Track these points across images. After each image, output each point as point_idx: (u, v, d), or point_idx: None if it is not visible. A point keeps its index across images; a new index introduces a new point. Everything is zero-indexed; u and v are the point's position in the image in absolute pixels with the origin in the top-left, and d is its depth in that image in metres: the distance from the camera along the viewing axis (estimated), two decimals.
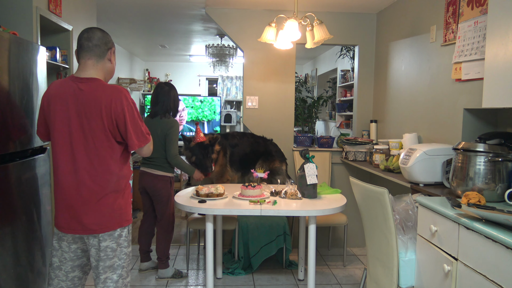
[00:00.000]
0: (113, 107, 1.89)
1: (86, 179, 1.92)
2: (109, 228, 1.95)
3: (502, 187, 2.09)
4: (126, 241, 2.03)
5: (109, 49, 2.01)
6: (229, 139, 3.78)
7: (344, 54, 5.85)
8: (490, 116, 2.68)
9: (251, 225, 3.65)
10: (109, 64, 2.03)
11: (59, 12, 3.11)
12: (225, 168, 3.70)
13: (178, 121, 3.40)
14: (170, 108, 3.39)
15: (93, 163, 1.92)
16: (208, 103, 8.27)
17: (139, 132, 1.97)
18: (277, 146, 3.97)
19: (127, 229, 2.04)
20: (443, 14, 2.96)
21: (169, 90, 3.41)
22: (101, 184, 1.93)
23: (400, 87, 3.73)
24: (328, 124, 7.45)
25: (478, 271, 1.70)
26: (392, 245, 2.23)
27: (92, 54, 1.95)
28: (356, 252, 4.25)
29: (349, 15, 4.31)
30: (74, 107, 1.90)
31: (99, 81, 1.95)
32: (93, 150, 1.91)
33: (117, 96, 1.91)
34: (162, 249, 3.42)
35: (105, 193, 1.94)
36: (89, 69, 1.95)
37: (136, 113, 1.96)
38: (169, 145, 3.28)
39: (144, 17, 4.85)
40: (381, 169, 3.28)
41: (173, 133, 3.30)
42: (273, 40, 3.23)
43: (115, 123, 1.91)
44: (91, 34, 1.97)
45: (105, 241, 1.95)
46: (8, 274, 2.17)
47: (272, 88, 4.31)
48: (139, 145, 1.97)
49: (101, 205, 1.94)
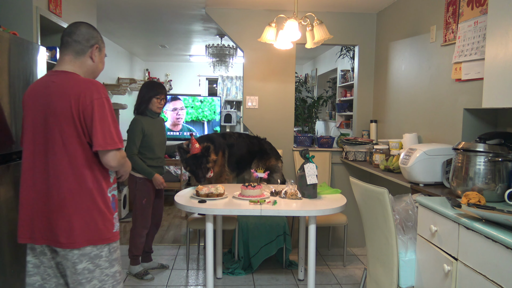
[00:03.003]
0: (82, 99, 1.70)
1: (54, 183, 1.72)
2: (79, 244, 1.72)
3: (502, 187, 2.09)
4: (107, 261, 1.79)
5: (91, 46, 1.84)
6: (226, 138, 3.78)
7: (344, 54, 5.85)
8: (490, 116, 2.68)
9: (251, 225, 3.65)
10: (90, 62, 1.86)
11: (59, 12, 3.11)
12: (224, 168, 3.70)
13: (137, 119, 3.34)
14: (136, 105, 3.42)
15: (62, 165, 1.72)
16: (208, 103, 8.27)
17: (107, 132, 1.72)
18: (271, 145, 3.97)
19: (108, 249, 1.80)
20: (443, 14, 2.96)
21: (141, 87, 3.44)
22: (72, 191, 1.72)
23: (400, 87, 3.73)
24: (328, 124, 7.45)
25: (478, 271, 1.70)
26: (392, 245, 2.23)
27: (70, 50, 1.81)
28: (356, 252, 4.25)
29: (349, 15, 4.31)
30: (43, 100, 1.74)
31: (73, 75, 1.78)
32: (62, 150, 1.72)
33: (87, 88, 1.73)
34: (129, 247, 3.48)
35: (76, 202, 1.72)
36: (66, 64, 1.81)
37: (109, 112, 1.75)
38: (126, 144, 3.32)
39: (144, 17, 4.85)
40: (381, 169, 3.28)
41: (128, 132, 3.33)
42: (273, 40, 3.23)
43: (83, 117, 1.71)
44: (73, 29, 1.83)
45: (80, 262, 1.73)
46: (6, 273, 2.17)
47: (272, 88, 4.31)
48: (104, 147, 1.71)
49: (72, 216, 1.72)
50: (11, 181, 2.24)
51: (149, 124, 3.37)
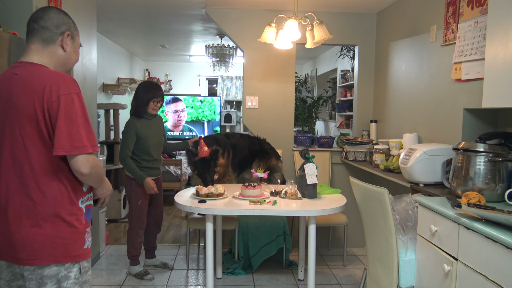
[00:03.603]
0: (47, 95, 1.45)
1: (15, 189, 1.50)
2: (41, 261, 1.48)
3: (502, 187, 2.09)
4: (77, 285, 1.55)
5: (62, 33, 1.60)
6: (230, 138, 3.79)
7: (344, 54, 5.85)
8: (490, 116, 2.68)
9: (251, 225, 3.66)
10: (61, 51, 1.61)
11: None
12: (227, 168, 3.71)
13: (131, 122, 3.33)
14: (134, 108, 3.39)
15: (23, 168, 1.49)
16: (208, 103, 8.27)
17: (75, 133, 1.46)
18: (270, 145, 3.98)
19: (78, 268, 1.55)
20: (443, 14, 2.96)
21: (137, 88, 3.41)
22: (34, 199, 1.49)
23: (400, 87, 3.73)
24: (328, 124, 7.46)
25: (478, 271, 1.70)
26: (392, 245, 2.23)
27: (37, 38, 1.56)
28: (356, 252, 4.25)
29: (349, 15, 4.31)
30: (4, 96, 1.51)
31: (40, 66, 1.54)
32: (23, 153, 1.49)
33: (54, 82, 1.47)
34: (127, 248, 3.49)
35: (39, 213, 1.48)
36: (32, 54, 1.56)
37: (79, 110, 1.49)
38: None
39: (144, 17, 4.85)
40: (381, 169, 3.28)
41: (123, 134, 3.33)
42: (273, 40, 3.23)
43: (48, 116, 1.47)
44: (41, 14, 1.58)
45: (44, 285, 1.49)
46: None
47: (272, 88, 4.31)
48: (69, 151, 1.45)
49: (33, 228, 1.48)
50: None
51: (144, 126, 3.36)
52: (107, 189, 1.73)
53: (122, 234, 4.78)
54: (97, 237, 3.90)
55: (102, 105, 5.19)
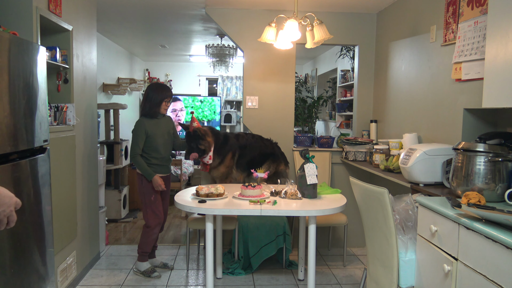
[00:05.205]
0: None
1: None
2: None
3: (502, 187, 2.09)
4: None
5: None
6: (239, 139, 3.81)
7: (344, 54, 5.85)
8: (490, 116, 2.68)
9: (251, 225, 3.65)
10: None
11: (59, 12, 3.10)
12: (231, 170, 3.74)
13: (141, 121, 3.45)
14: (147, 109, 3.47)
15: None
16: (208, 103, 8.27)
17: None
18: (281, 149, 4.00)
19: None
20: (443, 14, 2.96)
21: (147, 90, 3.50)
22: None
23: (400, 87, 3.73)
24: (328, 124, 7.45)
25: (478, 271, 1.70)
26: (392, 245, 2.23)
27: None
28: (356, 252, 4.25)
29: (349, 15, 4.30)
30: None
31: None
32: None
33: None
34: (139, 244, 3.54)
35: None
36: None
37: None
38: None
39: (144, 17, 4.85)
40: (381, 169, 3.28)
41: (133, 133, 3.44)
42: (273, 40, 3.23)
43: None
44: None
45: None
46: (7, 274, 2.17)
47: (272, 88, 4.31)
48: None
49: None
50: (11, 181, 2.24)
51: (153, 125, 3.45)
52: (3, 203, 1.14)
53: (122, 234, 4.78)
54: (97, 237, 3.90)
55: (102, 105, 5.19)
